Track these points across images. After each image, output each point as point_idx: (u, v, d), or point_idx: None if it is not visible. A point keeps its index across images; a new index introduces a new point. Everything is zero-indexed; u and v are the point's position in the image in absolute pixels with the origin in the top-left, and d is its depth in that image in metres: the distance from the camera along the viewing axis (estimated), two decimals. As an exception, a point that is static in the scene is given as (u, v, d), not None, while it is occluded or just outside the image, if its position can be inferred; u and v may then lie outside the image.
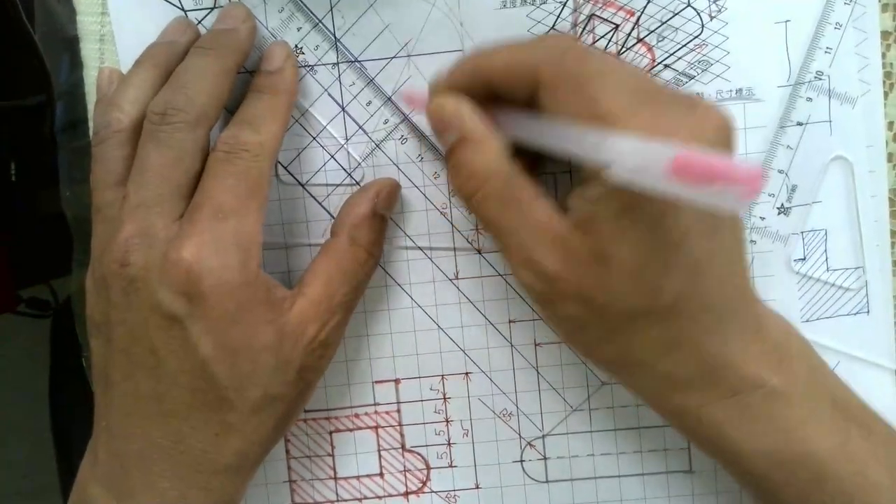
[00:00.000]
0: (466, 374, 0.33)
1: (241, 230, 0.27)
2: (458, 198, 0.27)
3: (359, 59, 0.32)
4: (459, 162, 0.27)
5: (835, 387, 0.28)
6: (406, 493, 0.34)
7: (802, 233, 0.32)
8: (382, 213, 0.31)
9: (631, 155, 0.21)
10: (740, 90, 0.31)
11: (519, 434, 0.34)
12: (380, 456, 0.34)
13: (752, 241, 0.32)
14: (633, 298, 0.24)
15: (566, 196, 0.26)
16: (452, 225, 0.32)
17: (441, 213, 0.32)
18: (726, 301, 0.25)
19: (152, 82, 0.29)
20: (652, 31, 0.31)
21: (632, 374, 0.28)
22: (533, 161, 0.28)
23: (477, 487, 0.34)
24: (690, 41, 0.31)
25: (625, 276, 0.24)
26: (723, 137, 0.24)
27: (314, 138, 0.32)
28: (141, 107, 0.29)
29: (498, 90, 0.27)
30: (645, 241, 0.24)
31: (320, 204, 0.33)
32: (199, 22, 0.31)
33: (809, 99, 0.31)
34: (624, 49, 0.31)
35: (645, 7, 0.31)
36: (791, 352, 0.27)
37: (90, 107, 0.33)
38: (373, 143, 0.32)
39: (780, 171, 0.31)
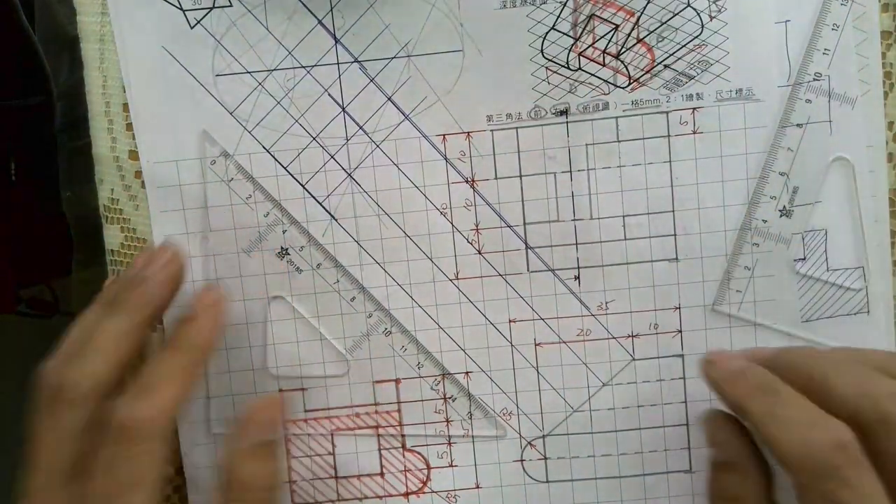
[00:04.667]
0: (466, 373, 0.33)
1: None
2: None
3: (359, 59, 0.32)
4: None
5: None
6: (406, 493, 0.34)
7: (803, 233, 0.32)
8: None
9: None
10: (740, 90, 0.31)
11: (519, 434, 0.34)
12: (380, 455, 0.34)
13: (754, 243, 0.32)
14: None
15: None
16: (452, 225, 0.32)
17: (441, 213, 0.32)
18: None
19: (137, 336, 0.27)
20: (652, 32, 0.31)
21: None
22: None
23: (477, 487, 0.34)
24: (690, 41, 0.31)
25: None
26: None
27: (314, 138, 0.32)
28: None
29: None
30: None
31: (320, 204, 0.33)
32: (199, 22, 0.31)
33: (809, 101, 0.31)
34: (624, 49, 0.31)
35: (645, 7, 0.31)
36: None
37: (90, 107, 0.33)
38: (373, 144, 0.32)
39: (782, 174, 0.31)
